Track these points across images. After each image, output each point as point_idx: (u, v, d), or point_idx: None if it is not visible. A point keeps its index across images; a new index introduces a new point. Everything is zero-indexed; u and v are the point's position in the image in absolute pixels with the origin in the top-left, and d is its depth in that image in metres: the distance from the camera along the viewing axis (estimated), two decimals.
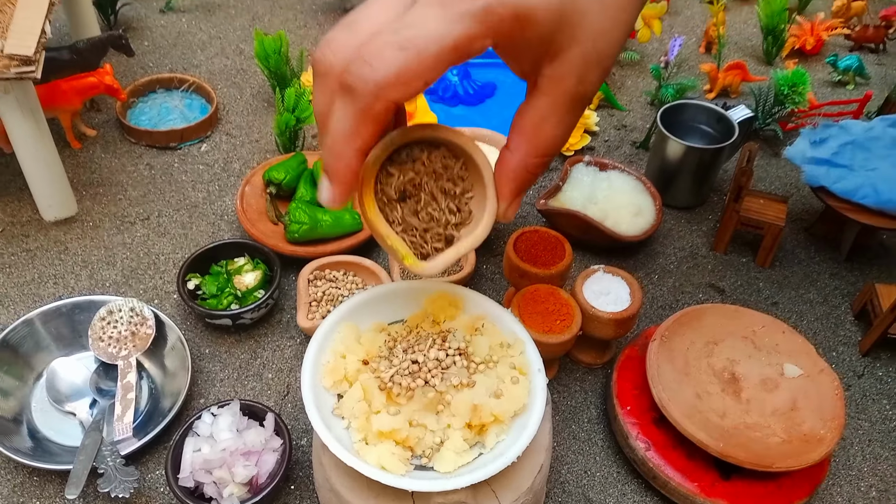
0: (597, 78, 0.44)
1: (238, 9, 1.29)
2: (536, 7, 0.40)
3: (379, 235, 0.48)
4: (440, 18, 0.39)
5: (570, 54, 0.42)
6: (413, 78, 0.39)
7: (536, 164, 0.47)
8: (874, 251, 0.92)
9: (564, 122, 0.45)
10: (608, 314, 0.70)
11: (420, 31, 0.39)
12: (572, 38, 0.42)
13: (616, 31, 0.43)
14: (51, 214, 0.87)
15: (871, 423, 0.75)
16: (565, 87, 0.44)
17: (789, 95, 1.02)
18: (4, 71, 0.74)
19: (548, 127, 0.45)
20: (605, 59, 0.43)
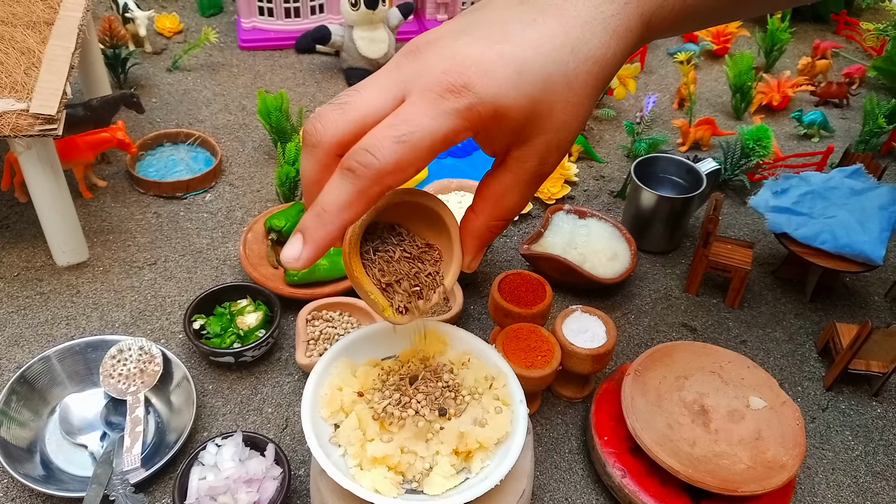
0: (555, 160, 0.50)
1: (240, 68, 1.37)
2: (511, 105, 0.46)
3: (364, 291, 0.54)
4: (431, 115, 0.45)
5: (536, 141, 0.49)
6: (408, 166, 0.46)
7: (497, 226, 0.54)
8: (837, 292, 0.99)
9: (524, 194, 0.52)
10: (586, 350, 0.76)
11: (414, 127, 0.45)
12: (539, 129, 0.48)
13: (575, 122, 0.49)
14: (64, 260, 0.93)
15: (834, 452, 0.80)
16: (528, 167, 0.50)
17: (754, 148, 1.10)
18: (29, 129, 0.80)
19: (510, 197, 0.52)
20: (564, 144, 0.50)
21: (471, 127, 0.46)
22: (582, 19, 0.48)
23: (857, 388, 0.86)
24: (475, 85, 0.45)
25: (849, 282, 1.01)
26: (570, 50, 0.47)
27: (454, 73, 0.45)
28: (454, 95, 0.45)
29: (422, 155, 0.46)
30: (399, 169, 0.46)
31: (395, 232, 0.57)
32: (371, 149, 0.45)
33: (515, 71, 0.46)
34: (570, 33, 0.48)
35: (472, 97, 0.45)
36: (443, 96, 0.45)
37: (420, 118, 0.45)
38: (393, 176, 0.46)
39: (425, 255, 0.57)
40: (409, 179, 0.47)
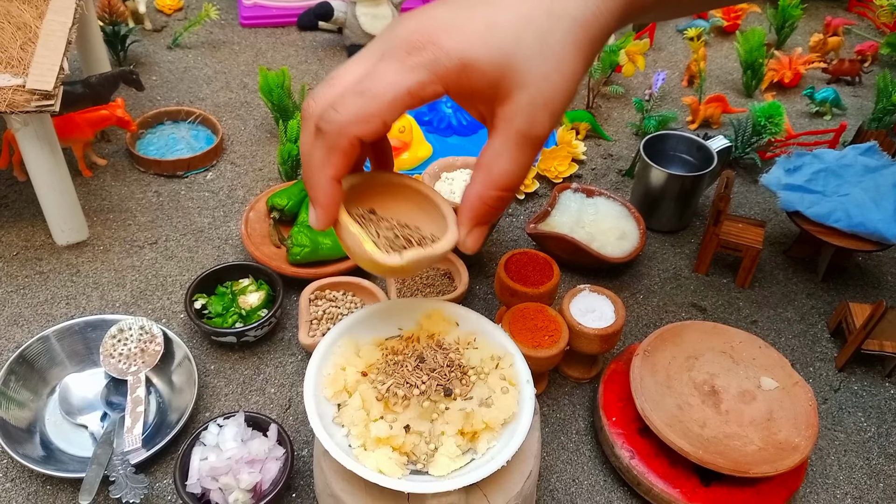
0: (545, 119, 0.49)
1: (242, 46, 1.35)
2: (479, 57, 0.47)
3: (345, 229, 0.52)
4: (396, 70, 0.47)
5: (517, 97, 0.48)
6: (371, 117, 0.47)
7: (493, 197, 0.52)
8: (850, 272, 0.97)
9: (516, 159, 0.50)
10: (594, 330, 0.74)
11: (378, 82, 0.47)
12: (518, 84, 0.48)
13: (559, 77, 0.49)
14: (63, 239, 0.91)
15: (846, 434, 0.78)
16: (515, 126, 0.49)
17: (766, 126, 1.08)
18: (25, 105, 0.78)
19: (501, 162, 0.50)
20: (550, 102, 0.49)
21: (438, 80, 0.47)
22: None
23: (870, 368, 0.85)
24: (441, 40, 0.47)
25: (861, 261, 0.99)
26: (545, 9, 0.48)
27: (422, 32, 0.47)
28: (419, 51, 0.47)
29: (384, 106, 0.47)
30: (361, 120, 0.47)
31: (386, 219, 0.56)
32: (334, 105, 0.47)
33: (485, 26, 0.47)
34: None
35: (437, 51, 0.47)
36: (409, 53, 0.47)
37: (385, 73, 0.47)
38: (356, 126, 0.47)
39: (413, 233, 0.56)
40: (377, 131, 0.48)
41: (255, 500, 0.65)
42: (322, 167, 0.50)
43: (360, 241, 0.51)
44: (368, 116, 0.47)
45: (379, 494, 0.58)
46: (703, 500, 0.67)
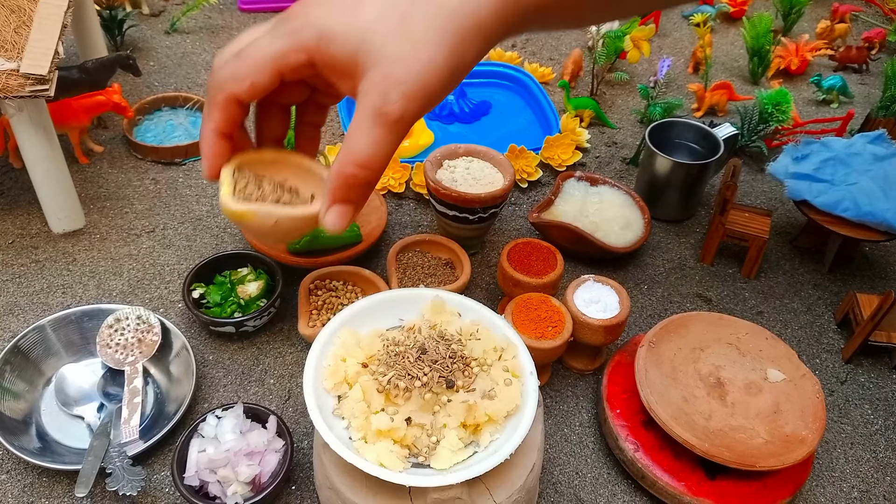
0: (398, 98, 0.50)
1: (240, 30, 1.32)
2: (337, 30, 0.49)
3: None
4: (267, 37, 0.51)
5: (372, 74, 0.50)
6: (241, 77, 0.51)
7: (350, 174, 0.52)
8: (857, 262, 0.96)
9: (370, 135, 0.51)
10: (598, 321, 0.73)
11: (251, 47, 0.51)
12: (374, 61, 0.50)
13: (415, 60, 0.50)
14: (59, 227, 0.90)
15: (853, 426, 0.77)
16: (369, 101, 0.50)
17: (773, 114, 1.06)
18: (20, 89, 0.77)
19: (356, 135, 0.51)
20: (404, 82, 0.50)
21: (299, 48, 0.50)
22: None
23: (878, 360, 0.84)
24: (308, 13, 0.50)
25: (868, 251, 0.97)
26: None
27: (299, 5, 0.51)
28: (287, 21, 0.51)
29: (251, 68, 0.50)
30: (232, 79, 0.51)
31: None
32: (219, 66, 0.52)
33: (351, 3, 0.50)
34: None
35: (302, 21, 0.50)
36: (281, 21, 0.51)
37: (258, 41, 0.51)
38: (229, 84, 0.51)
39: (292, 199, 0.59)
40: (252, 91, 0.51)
41: (254, 493, 0.64)
42: (206, 120, 0.53)
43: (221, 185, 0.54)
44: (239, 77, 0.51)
45: (380, 488, 0.57)
46: (709, 493, 0.66)
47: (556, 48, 1.36)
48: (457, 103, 1.15)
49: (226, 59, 0.52)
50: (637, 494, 0.70)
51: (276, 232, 0.58)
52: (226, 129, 0.54)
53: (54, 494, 0.66)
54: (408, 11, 0.50)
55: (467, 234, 0.89)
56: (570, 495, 0.69)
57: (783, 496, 0.67)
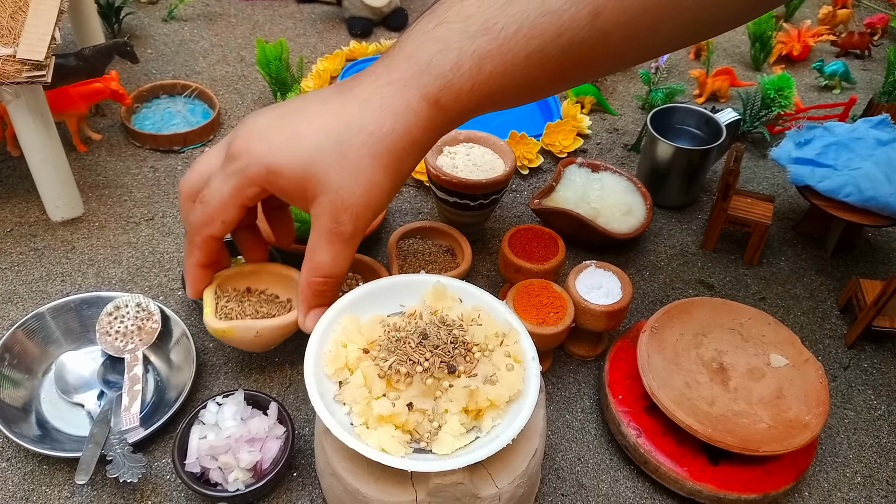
0: (348, 220, 0.57)
1: (239, 18, 1.32)
2: (281, 164, 0.56)
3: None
4: (220, 179, 0.58)
5: (321, 200, 0.56)
6: (211, 220, 0.60)
7: (317, 282, 0.61)
8: (860, 248, 0.95)
9: (329, 251, 0.58)
10: (600, 307, 0.73)
11: (210, 191, 0.59)
12: (320, 189, 0.56)
13: (356, 186, 0.56)
14: (58, 215, 0.89)
15: (856, 412, 0.77)
16: (323, 224, 0.57)
17: (776, 99, 1.05)
18: (16, 75, 0.76)
19: (318, 253, 0.58)
20: (351, 206, 0.56)
21: (252, 183, 0.57)
22: (361, 99, 0.56)
23: (881, 346, 0.83)
24: (252, 149, 0.56)
25: (871, 237, 0.97)
26: (345, 124, 0.55)
27: (240, 141, 0.57)
28: (234, 159, 0.57)
29: (217, 210, 0.59)
30: (207, 222, 0.60)
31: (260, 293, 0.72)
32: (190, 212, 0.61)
33: (287, 137, 0.56)
34: (347, 110, 0.56)
35: (248, 159, 0.56)
36: (228, 161, 0.57)
37: (213, 182, 0.59)
38: (205, 227, 0.60)
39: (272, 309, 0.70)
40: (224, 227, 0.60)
41: (255, 480, 0.63)
42: (188, 256, 0.64)
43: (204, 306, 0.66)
44: (209, 220, 0.60)
45: (381, 473, 0.57)
46: (712, 478, 0.66)
47: None
48: None
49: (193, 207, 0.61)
50: (639, 480, 0.69)
51: (260, 342, 0.68)
52: (206, 262, 0.64)
53: (55, 482, 0.66)
54: (342, 140, 0.55)
55: (468, 220, 0.88)
56: (573, 481, 0.69)
57: (786, 481, 0.67)
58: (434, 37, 0.55)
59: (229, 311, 0.68)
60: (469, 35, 0.54)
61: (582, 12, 0.53)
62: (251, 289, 0.72)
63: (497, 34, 0.54)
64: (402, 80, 0.55)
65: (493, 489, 0.57)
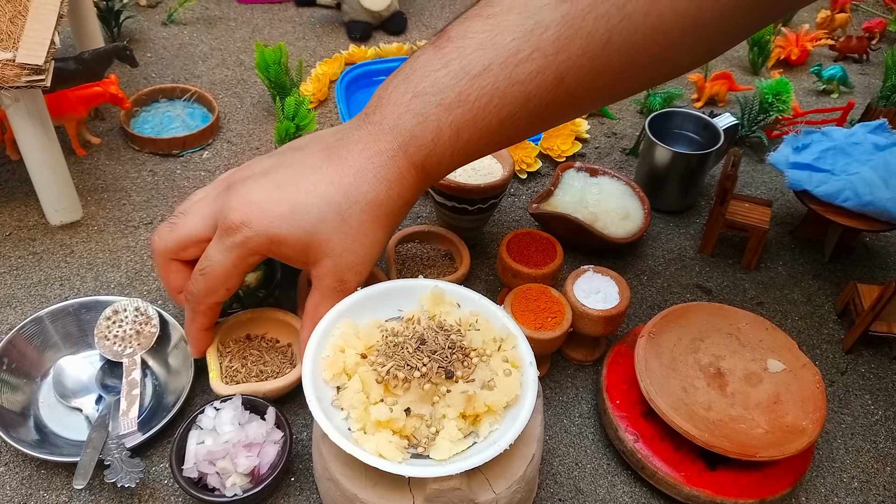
0: (351, 277, 0.62)
1: (238, 21, 1.33)
2: (286, 235, 0.59)
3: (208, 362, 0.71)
4: (219, 251, 0.61)
5: (324, 263, 0.61)
6: (215, 289, 0.63)
7: None
8: (857, 253, 0.95)
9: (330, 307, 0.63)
10: (598, 311, 0.73)
11: (210, 262, 0.61)
12: (323, 253, 0.60)
13: (359, 247, 0.61)
14: (57, 219, 0.90)
15: (853, 417, 0.77)
16: (327, 284, 0.62)
17: (773, 104, 1.05)
18: (15, 80, 0.76)
19: (321, 310, 0.63)
20: (354, 265, 0.62)
21: (253, 253, 0.61)
22: (355, 168, 0.60)
23: (878, 350, 0.84)
24: (252, 221, 0.59)
25: (869, 242, 0.97)
26: (344, 193, 0.60)
27: (237, 213, 0.59)
28: (234, 232, 0.59)
29: (221, 280, 0.62)
30: (210, 292, 0.63)
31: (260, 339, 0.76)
32: (191, 282, 0.64)
33: (289, 209, 0.59)
34: (344, 180, 0.60)
35: (249, 231, 0.59)
36: (227, 233, 0.60)
37: (213, 253, 0.61)
38: (209, 297, 0.63)
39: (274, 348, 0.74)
40: (228, 294, 0.64)
41: (253, 485, 0.63)
42: (191, 323, 0.67)
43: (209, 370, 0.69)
44: (212, 290, 0.63)
45: (379, 478, 0.57)
46: (709, 484, 0.66)
47: None
48: None
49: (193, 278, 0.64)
50: (637, 485, 0.69)
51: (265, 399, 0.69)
52: (210, 325, 0.68)
53: (52, 486, 0.66)
54: (343, 210, 0.60)
55: (467, 225, 0.88)
56: (570, 486, 0.69)
57: (783, 486, 0.67)
58: (412, 109, 0.60)
59: (234, 372, 0.71)
60: (445, 108, 0.59)
61: (548, 80, 0.57)
62: (251, 335, 0.75)
63: (471, 105, 0.58)
64: (390, 151, 0.60)
65: (491, 494, 0.57)
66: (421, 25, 1.35)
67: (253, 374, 0.71)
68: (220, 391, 0.68)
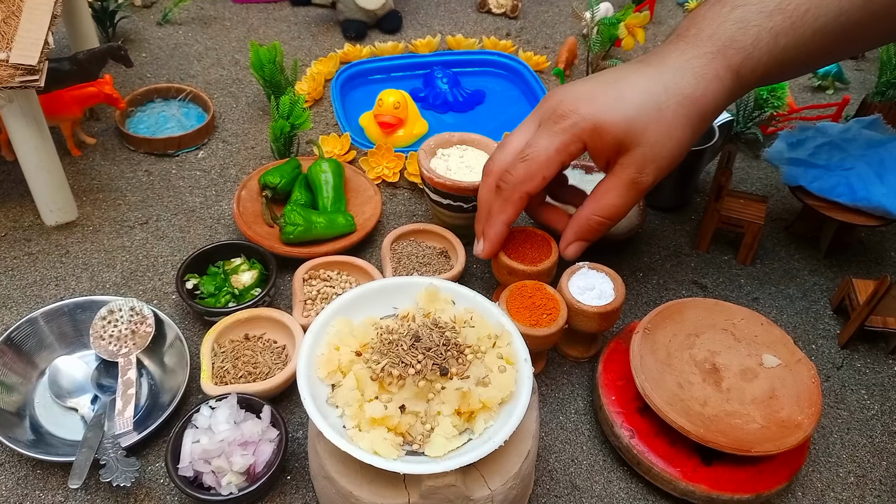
0: (651, 171, 0.66)
1: (233, 21, 1.32)
2: (608, 121, 0.64)
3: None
4: (546, 137, 0.66)
5: (634, 152, 0.64)
6: (534, 175, 0.66)
7: (596, 221, 0.70)
8: (853, 248, 0.95)
9: (623, 197, 0.67)
10: (593, 308, 0.73)
11: (535, 148, 0.66)
12: (636, 142, 0.64)
13: (668, 142, 0.65)
14: (52, 219, 0.90)
15: (849, 412, 0.77)
16: (628, 173, 0.66)
17: (768, 100, 1.05)
18: (9, 80, 0.76)
19: (610, 195, 0.67)
20: (658, 159, 0.65)
21: (578, 140, 0.65)
22: (674, 67, 0.66)
23: (874, 345, 0.84)
24: (580, 109, 0.64)
25: (864, 237, 0.97)
26: (663, 87, 0.64)
27: (565, 104, 0.65)
28: (563, 118, 0.65)
29: (542, 165, 0.66)
30: (528, 178, 0.66)
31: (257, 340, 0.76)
32: (509, 170, 0.68)
33: (615, 98, 0.64)
34: (664, 76, 0.65)
35: (577, 117, 0.64)
36: (555, 121, 0.65)
37: (538, 140, 0.66)
38: (525, 185, 0.67)
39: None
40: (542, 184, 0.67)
41: (248, 483, 0.63)
42: (500, 213, 0.70)
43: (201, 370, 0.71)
44: (532, 175, 0.66)
45: (374, 476, 0.57)
46: (704, 479, 0.66)
47: (551, 36, 1.35)
48: (451, 92, 1.14)
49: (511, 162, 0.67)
50: (633, 481, 0.70)
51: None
52: (513, 218, 0.71)
53: (48, 486, 0.66)
54: (661, 102, 0.64)
55: (462, 222, 0.88)
56: (566, 482, 0.69)
57: (779, 481, 0.67)
58: (732, 18, 0.66)
59: (224, 372, 0.72)
60: (766, 15, 0.66)
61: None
62: (249, 335, 0.76)
63: (791, 13, 0.66)
64: (710, 54, 0.65)
65: (486, 491, 0.57)
66: (416, 24, 1.35)
67: (241, 375, 0.71)
68: (209, 391, 0.69)
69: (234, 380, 0.71)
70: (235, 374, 0.71)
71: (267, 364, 0.72)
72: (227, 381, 0.70)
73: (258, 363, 0.72)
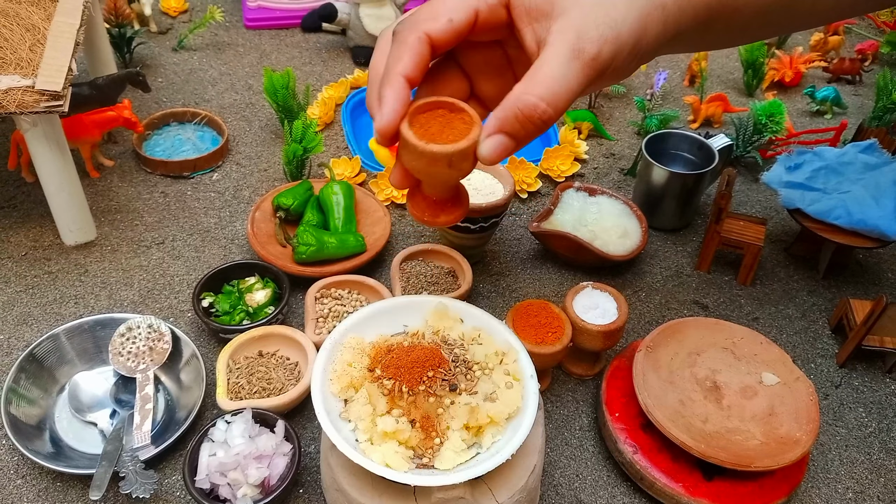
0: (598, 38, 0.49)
1: (246, 47, 1.36)
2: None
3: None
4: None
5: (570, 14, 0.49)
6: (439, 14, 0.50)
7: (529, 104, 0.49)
8: (850, 269, 0.98)
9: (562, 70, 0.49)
10: (597, 326, 0.75)
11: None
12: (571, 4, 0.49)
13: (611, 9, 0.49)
14: (71, 239, 0.92)
15: (847, 429, 0.79)
16: (566, 38, 0.49)
17: (767, 124, 1.08)
18: (35, 105, 0.79)
19: (545, 70, 0.49)
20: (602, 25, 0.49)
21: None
22: None
23: (871, 364, 0.86)
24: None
25: (862, 258, 0.99)
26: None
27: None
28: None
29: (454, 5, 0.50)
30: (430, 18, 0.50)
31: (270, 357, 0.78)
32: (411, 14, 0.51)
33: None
34: None
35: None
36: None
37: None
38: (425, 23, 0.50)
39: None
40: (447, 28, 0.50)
41: (263, 495, 0.65)
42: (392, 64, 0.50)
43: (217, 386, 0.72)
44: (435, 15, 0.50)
45: (385, 488, 0.59)
46: (706, 494, 0.68)
47: None
48: None
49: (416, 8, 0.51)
50: (636, 496, 0.71)
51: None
52: (413, 74, 0.50)
53: (68, 498, 0.68)
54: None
55: (469, 242, 0.91)
56: (571, 497, 0.71)
57: (779, 496, 0.69)
58: None
59: (239, 389, 0.73)
60: None
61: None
62: (263, 352, 0.78)
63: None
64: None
65: (494, 503, 0.59)
66: None
67: (255, 391, 0.73)
68: (224, 406, 0.71)
69: (249, 395, 0.73)
70: (250, 389, 0.73)
71: (280, 380, 0.74)
72: (242, 396, 0.73)
73: (272, 379, 0.74)
